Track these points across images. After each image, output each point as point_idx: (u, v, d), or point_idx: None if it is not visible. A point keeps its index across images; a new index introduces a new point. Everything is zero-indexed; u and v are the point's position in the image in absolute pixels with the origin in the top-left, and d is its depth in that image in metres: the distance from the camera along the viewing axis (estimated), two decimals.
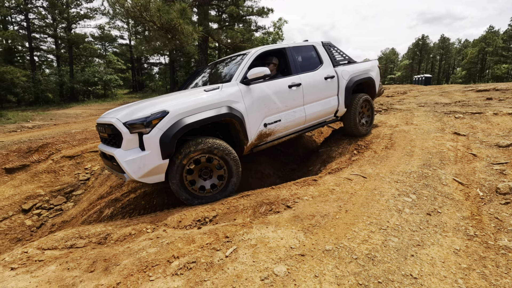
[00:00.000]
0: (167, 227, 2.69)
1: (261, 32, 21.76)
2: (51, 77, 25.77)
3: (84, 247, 2.51)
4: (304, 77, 4.17)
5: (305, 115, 4.15)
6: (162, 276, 1.93)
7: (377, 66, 5.61)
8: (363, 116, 5.33)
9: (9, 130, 11.36)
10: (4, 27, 23.81)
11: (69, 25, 25.49)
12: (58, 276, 2.07)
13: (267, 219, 2.60)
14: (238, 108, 3.31)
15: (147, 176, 2.94)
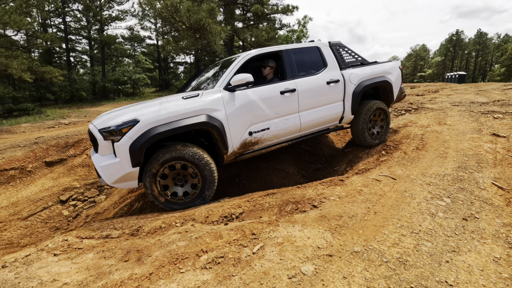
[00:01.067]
0: (195, 222, 2.76)
1: (285, 30, 21.61)
2: (84, 76, 27.30)
3: (118, 237, 2.65)
4: (301, 82, 3.86)
5: (300, 123, 3.85)
6: (191, 269, 1.99)
7: (398, 68, 5.00)
8: (375, 125, 4.82)
9: (48, 126, 12.18)
10: (44, 30, 25.48)
11: (101, 27, 26.80)
12: (95, 263, 2.21)
13: (293, 218, 2.60)
14: (217, 116, 3.16)
15: (119, 182, 2.99)
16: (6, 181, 5.95)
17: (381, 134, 4.85)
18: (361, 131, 4.59)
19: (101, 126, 2.91)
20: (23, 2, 13.27)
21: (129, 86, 28.29)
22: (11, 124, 12.93)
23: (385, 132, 4.90)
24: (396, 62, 5.07)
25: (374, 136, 4.80)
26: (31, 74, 13.61)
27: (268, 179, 4.60)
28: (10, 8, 12.24)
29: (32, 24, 14.24)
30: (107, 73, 27.33)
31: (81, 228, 2.95)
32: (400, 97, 5.21)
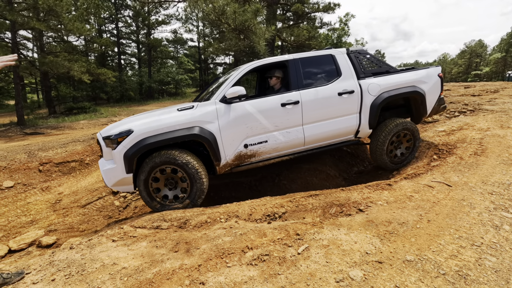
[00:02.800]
0: (238, 218, 2.83)
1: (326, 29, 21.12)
2: (132, 77, 29.35)
3: (167, 229, 2.81)
4: (306, 93, 3.61)
5: (303, 137, 3.64)
6: (238, 264, 2.04)
7: (436, 76, 4.31)
8: (399, 146, 4.25)
9: (102, 123, 13.32)
10: (100, 35, 27.90)
11: (149, 31, 28.61)
12: (149, 252, 2.37)
13: (338, 221, 2.54)
14: (209, 128, 3.21)
15: (117, 185, 3.22)
16: (68, 172, 6.64)
17: (406, 156, 4.29)
18: (379, 153, 4.09)
19: (104, 134, 3.19)
20: (83, 10, 14.65)
21: (172, 86, 29.81)
22: (71, 121, 14.39)
23: (412, 154, 4.31)
24: (434, 69, 4.40)
25: (397, 158, 4.26)
26: (89, 75, 14.99)
27: (308, 180, 4.55)
28: (73, 17, 13.60)
29: (91, 30, 15.66)
30: (153, 74, 29.09)
31: (134, 217, 3.19)
32: (438, 109, 4.49)
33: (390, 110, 4.43)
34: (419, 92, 4.13)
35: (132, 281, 1.99)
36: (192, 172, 3.17)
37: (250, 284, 1.81)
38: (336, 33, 26.61)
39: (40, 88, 24.39)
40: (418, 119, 4.43)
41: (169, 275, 2.00)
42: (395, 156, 4.25)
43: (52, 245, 4.03)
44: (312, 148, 3.84)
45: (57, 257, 2.42)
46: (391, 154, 4.20)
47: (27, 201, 5.73)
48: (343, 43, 27.22)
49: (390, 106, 4.37)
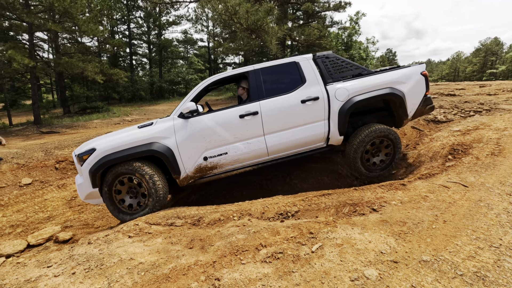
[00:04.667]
0: (251, 216, 2.86)
1: (336, 28, 20.93)
2: (143, 78, 29.78)
3: (182, 226, 2.86)
4: (266, 103, 3.55)
5: (265, 147, 3.58)
6: (252, 261, 2.07)
7: (418, 75, 4.00)
8: (377, 153, 3.99)
9: (114, 122, 13.59)
10: (112, 36, 28.41)
11: (160, 31, 28.97)
12: (164, 248, 2.42)
13: (351, 220, 2.54)
14: (166, 143, 3.35)
15: (88, 199, 3.55)
16: None
17: (387, 164, 4.01)
18: (353, 161, 3.87)
19: (76, 152, 3.49)
20: (97, 12, 14.97)
21: (182, 86, 30.11)
22: (85, 120, 14.73)
23: (393, 160, 4.02)
24: (414, 68, 4.06)
25: (375, 166, 4.01)
26: (102, 76, 15.31)
27: (320, 179, 4.53)
28: (87, 18, 13.91)
29: (104, 32, 15.99)
30: (163, 74, 29.45)
31: (149, 214, 3.25)
32: (423, 111, 4.12)
33: (370, 114, 4.16)
34: (395, 94, 3.81)
35: (149, 276, 2.04)
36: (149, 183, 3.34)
37: (265, 281, 1.83)
38: (346, 32, 26.32)
39: (55, 88, 25.04)
40: (399, 122, 4.11)
41: (185, 271, 2.04)
42: (373, 164, 4.00)
43: (68, 241, 4.14)
44: (280, 157, 3.74)
45: (76, 252, 2.50)
46: (368, 162, 3.95)
47: (44, 198, 5.91)
48: (353, 42, 26.90)
49: (371, 109, 4.11)
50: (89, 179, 3.36)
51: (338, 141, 3.81)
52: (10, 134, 11.66)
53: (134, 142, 3.33)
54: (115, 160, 3.28)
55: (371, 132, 3.77)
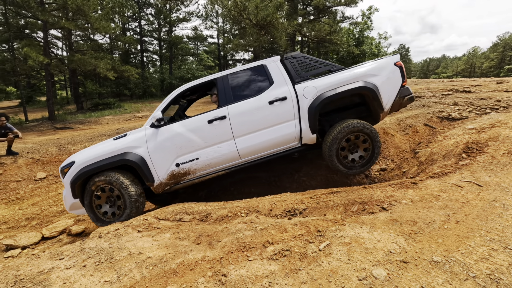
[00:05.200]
0: (259, 213, 2.85)
1: (347, 23, 20.56)
2: (154, 74, 30.08)
3: (190, 222, 2.88)
4: (234, 107, 3.58)
5: (236, 150, 3.59)
6: (259, 258, 2.07)
7: (391, 66, 3.83)
8: (355, 150, 3.83)
9: (126, 118, 13.81)
10: (124, 33, 28.76)
11: (170, 28, 29.14)
12: (172, 243, 2.45)
13: (360, 218, 2.50)
14: (138, 152, 3.50)
15: (72, 209, 3.80)
16: None
17: (367, 160, 3.82)
18: (329, 158, 3.73)
19: (61, 165, 3.74)
20: (109, 9, 15.16)
21: None
22: (97, 116, 15.01)
23: (373, 155, 3.80)
24: (387, 59, 3.91)
25: (355, 162, 3.81)
26: (114, 72, 15.54)
27: (328, 177, 4.49)
28: (99, 16, 14.10)
29: (115, 29, 16.19)
30: (174, 71, 29.67)
31: (158, 209, 3.29)
32: (402, 102, 3.94)
33: (347, 110, 4.03)
34: (366, 87, 3.66)
35: (157, 270, 2.06)
36: (123, 191, 3.46)
37: (271, 278, 1.83)
38: (358, 27, 25.82)
39: (68, 85, 25.59)
40: (376, 117, 3.95)
41: (192, 266, 2.06)
42: (352, 161, 3.82)
43: (81, 234, 4.25)
44: (253, 159, 3.72)
45: (87, 245, 2.55)
46: (346, 159, 3.80)
47: (58, 192, 6.06)
48: (365, 37, 26.39)
49: (348, 105, 3.99)
50: (70, 190, 3.60)
51: (312, 139, 3.74)
52: (26, 129, 12.00)
53: (109, 153, 3.53)
54: (92, 170, 3.49)
55: (343, 128, 3.62)
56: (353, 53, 23.56)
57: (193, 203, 3.33)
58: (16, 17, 15.28)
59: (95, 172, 3.51)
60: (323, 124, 3.94)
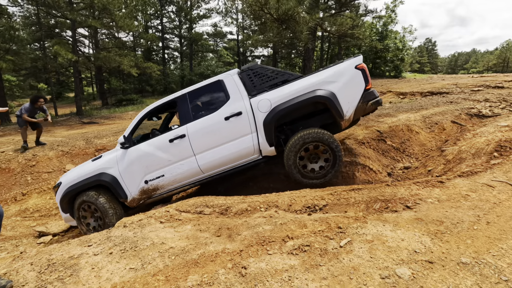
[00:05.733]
0: (278, 208, 2.85)
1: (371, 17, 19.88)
2: (174, 71, 30.65)
3: (210, 214, 2.93)
4: (192, 125, 3.66)
5: (197, 166, 3.69)
6: (278, 252, 2.07)
7: (353, 69, 3.56)
8: (314, 160, 3.67)
9: None
10: (146, 31, 29.49)
11: (191, 25, 29.52)
12: (193, 234, 2.50)
13: (383, 216, 2.44)
14: (111, 172, 3.78)
15: (67, 221, 4.25)
16: None
17: (327, 170, 3.64)
18: (289, 169, 3.65)
19: (54, 185, 4.14)
20: (132, 8, 15.58)
21: None
22: (121, 112, 15.55)
23: (335, 165, 3.60)
24: (347, 63, 3.63)
25: (315, 172, 3.65)
26: (137, 69, 16.00)
27: (350, 174, 4.40)
28: (123, 14, 14.53)
29: (138, 27, 16.64)
30: (194, 67, 30.10)
31: (179, 202, 3.38)
32: (366, 108, 3.63)
33: (312, 117, 3.88)
34: (322, 96, 3.47)
35: (179, 260, 2.12)
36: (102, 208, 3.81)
37: (291, 273, 1.82)
38: (381, 21, 24.92)
39: (94, 81, 26.65)
40: (338, 125, 3.76)
41: (213, 258, 2.09)
42: (312, 171, 3.66)
43: None
44: (216, 173, 3.79)
45: (113, 234, 2.66)
46: (306, 169, 3.67)
47: None
48: (389, 31, 25.43)
49: (312, 113, 3.79)
50: (59, 206, 4.08)
51: (271, 151, 3.70)
52: (56, 123, 12.65)
53: (86, 174, 3.86)
54: (74, 190, 3.87)
55: (298, 138, 3.53)
56: (375, 48, 22.80)
57: (213, 197, 3.38)
58: (47, 17, 16.08)
59: (78, 191, 3.89)
60: (287, 133, 3.87)
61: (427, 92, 9.51)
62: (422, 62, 58.48)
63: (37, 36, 16.38)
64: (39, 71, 19.11)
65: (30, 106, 6.97)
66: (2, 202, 6.07)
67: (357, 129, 5.79)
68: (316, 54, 28.86)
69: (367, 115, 5.28)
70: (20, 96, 22.95)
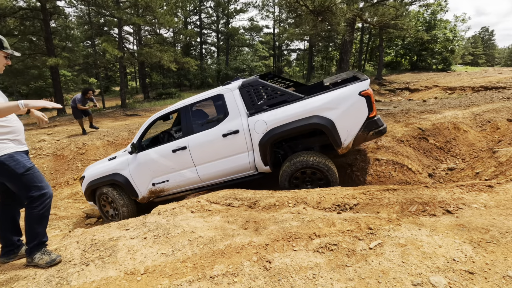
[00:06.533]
0: (306, 205, 2.81)
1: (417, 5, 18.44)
2: (211, 66, 31.39)
3: (238, 207, 2.99)
4: (193, 138, 3.79)
5: (197, 176, 3.89)
6: (304, 249, 2.05)
7: (356, 96, 3.27)
8: (309, 183, 3.60)
9: None
10: (185, 27, 30.50)
11: (228, 20, 29.92)
12: (221, 226, 2.57)
13: (419, 220, 2.29)
14: (123, 173, 4.14)
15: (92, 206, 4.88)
16: None
17: None
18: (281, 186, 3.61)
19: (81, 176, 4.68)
20: (173, 4, 16.17)
21: (246, 73, 30.81)
22: (161, 105, 16.36)
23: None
24: (350, 88, 3.32)
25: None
26: (176, 64, 16.67)
27: (385, 173, 4.18)
28: (164, 11, 15.15)
29: (178, 23, 17.26)
30: (230, 62, 30.57)
31: (209, 193, 3.49)
32: (366, 137, 3.43)
33: (312, 137, 3.76)
34: (319, 124, 3.31)
35: (206, 249, 2.19)
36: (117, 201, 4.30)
37: (316, 271, 1.80)
38: (429, 10, 22.97)
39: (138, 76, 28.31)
40: (336, 151, 3.53)
41: (239, 249, 2.14)
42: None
43: None
44: (215, 183, 3.97)
45: (148, 220, 2.84)
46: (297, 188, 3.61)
47: None
48: (438, 20, 23.36)
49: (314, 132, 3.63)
50: (85, 196, 4.65)
51: (266, 170, 3.71)
52: (103, 115, 13.71)
53: (103, 172, 4.32)
54: (94, 185, 4.39)
55: (292, 164, 3.48)
56: (421, 39, 21.14)
57: (242, 190, 3.43)
58: (97, 16, 17.35)
59: (97, 187, 4.42)
60: (286, 151, 3.88)
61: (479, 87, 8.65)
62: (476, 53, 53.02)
63: (89, 34, 17.77)
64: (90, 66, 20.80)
65: (81, 97, 8.36)
66: (57, 185, 6.76)
67: (396, 126, 5.47)
68: (355, 47, 27.61)
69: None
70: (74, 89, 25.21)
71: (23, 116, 15.07)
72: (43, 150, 7.61)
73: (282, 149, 3.93)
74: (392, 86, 17.11)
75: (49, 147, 7.73)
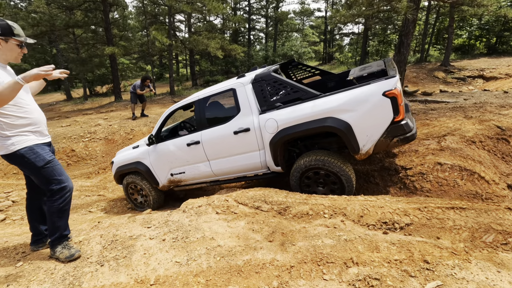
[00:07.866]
0: (345, 218, 2.39)
1: None
2: (259, 52, 30.94)
3: (267, 212, 2.69)
4: (206, 133, 3.71)
5: (211, 170, 3.87)
6: (336, 279, 1.67)
7: (379, 96, 2.75)
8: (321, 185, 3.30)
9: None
10: (234, 13, 30.37)
11: (277, 4, 28.96)
12: (245, 234, 2.30)
13: (497, 256, 1.73)
14: (144, 162, 4.31)
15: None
16: None
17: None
18: (293, 187, 3.39)
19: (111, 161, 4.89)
20: None
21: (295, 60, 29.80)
22: None
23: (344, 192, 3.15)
24: (372, 88, 2.80)
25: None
26: (222, 51, 16.65)
27: (449, 181, 3.47)
28: None
29: (226, 9, 17.12)
30: (277, 48, 29.79)
31: (239, 192, 3.24)
32: (389, 144, 2.91)
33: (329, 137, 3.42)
34: (333, 127, 2.93)
35: (223, 263, 1.95)
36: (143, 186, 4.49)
37: None
38: None
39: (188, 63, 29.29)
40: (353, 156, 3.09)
41: (259, 269, 1.85)
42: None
43: (182, 198, 4.73)
44: (229, 178, 3.92)
45: (171, 218, 2.70)
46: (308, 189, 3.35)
47: None
48: None
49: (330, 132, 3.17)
50: (115, 179, 4.92)
51: (278, 170, 3.51)
52: (153, 102, 14.42)
53: (128, 160, 4.50)
54: (121, 171, 4.62)
55: (301, 164, 3.25)
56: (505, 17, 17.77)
57: (273, 191, 3.12)
58: (152, 5, 18.08)
59: (123, 173, 4.65)
60: (301, 149, 3.65)
61: None
62: None
63: (143, 24, 18.67)
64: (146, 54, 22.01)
65: (140, 84, 9.15)
66: (107, 168, 7.23)
67: (466, 123, 4.56)
68: (418, 29, 24.67)
69: None
70: (132, 77, 27.11)
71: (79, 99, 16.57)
72: (97, 134, 8.19)
73: (297, 148, 3.69)
74: (462, 73, 14.86)
75: (102, 132, 8.29)
